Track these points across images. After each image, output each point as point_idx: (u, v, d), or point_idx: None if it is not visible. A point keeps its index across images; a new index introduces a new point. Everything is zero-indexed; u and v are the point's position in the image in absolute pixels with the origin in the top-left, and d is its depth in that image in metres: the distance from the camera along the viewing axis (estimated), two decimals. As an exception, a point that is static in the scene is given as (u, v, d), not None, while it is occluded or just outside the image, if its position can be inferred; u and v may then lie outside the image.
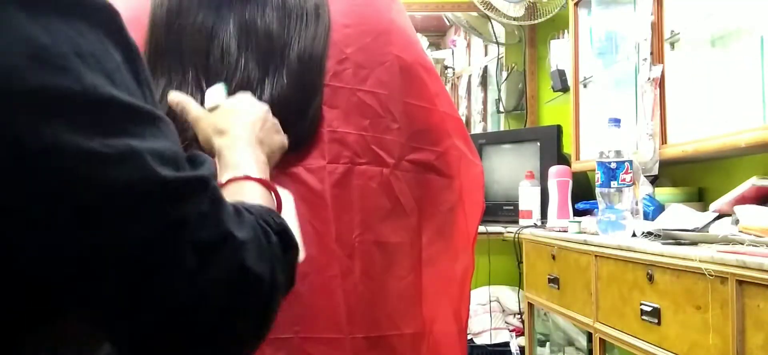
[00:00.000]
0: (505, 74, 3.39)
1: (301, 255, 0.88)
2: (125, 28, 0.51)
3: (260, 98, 0.97)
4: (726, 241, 1.32)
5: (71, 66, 0.45)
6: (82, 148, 0.44)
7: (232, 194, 0.71)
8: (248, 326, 0.56)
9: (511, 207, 2.68)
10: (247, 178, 0.75)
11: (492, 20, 3.19)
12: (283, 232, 0.63)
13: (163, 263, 0.48)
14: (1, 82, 0.42)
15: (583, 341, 2.20)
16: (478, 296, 2.85)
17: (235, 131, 0.82)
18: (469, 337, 2.78)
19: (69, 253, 0.45)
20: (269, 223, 0.61)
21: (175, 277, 0.49)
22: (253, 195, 0.73)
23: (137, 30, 1.00)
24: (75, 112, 0.44)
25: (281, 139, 0.89)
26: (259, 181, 0.76)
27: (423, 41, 3.70)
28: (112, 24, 0.50)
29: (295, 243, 0.65)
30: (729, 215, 1.46)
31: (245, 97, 0.90)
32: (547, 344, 2.46)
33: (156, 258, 0.48)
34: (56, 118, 0.44)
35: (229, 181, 0.75)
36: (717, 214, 1.49)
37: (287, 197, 0.97)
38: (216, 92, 0.91)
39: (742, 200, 1.46)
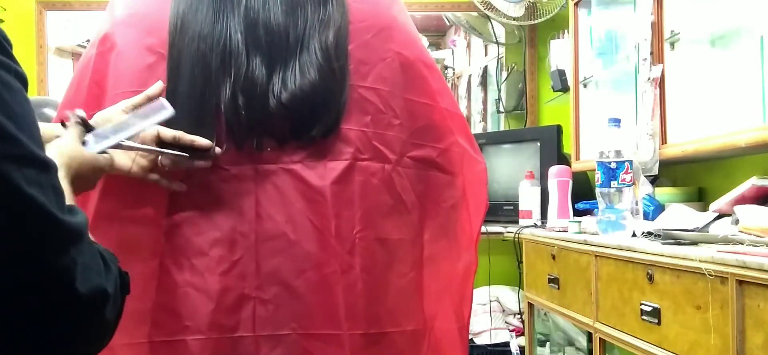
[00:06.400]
0: (505, 74, 3.39)
1: None
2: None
3: (275, 94, 0.97)
4: (726, 241, 1.32)
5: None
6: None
7: None
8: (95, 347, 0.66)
9: (511, 207, 2.68)
10: None
11: (492, 20, 3.19)
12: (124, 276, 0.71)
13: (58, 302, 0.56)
14: None
15: (583, 341, 2.20)
16: (478, 296, 2.84)
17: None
18: (469, 337, 2.77)
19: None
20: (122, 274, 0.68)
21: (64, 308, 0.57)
22: None
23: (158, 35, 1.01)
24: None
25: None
26: None
27: (423, 41, 3.69)
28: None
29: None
30: (729, 215, 1.46)
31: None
32: (547, 344, 2.46)
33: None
34: None
35: None
36: (717, 214, 1.49)
37: None
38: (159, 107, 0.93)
39: (742, 200, 1.46)
